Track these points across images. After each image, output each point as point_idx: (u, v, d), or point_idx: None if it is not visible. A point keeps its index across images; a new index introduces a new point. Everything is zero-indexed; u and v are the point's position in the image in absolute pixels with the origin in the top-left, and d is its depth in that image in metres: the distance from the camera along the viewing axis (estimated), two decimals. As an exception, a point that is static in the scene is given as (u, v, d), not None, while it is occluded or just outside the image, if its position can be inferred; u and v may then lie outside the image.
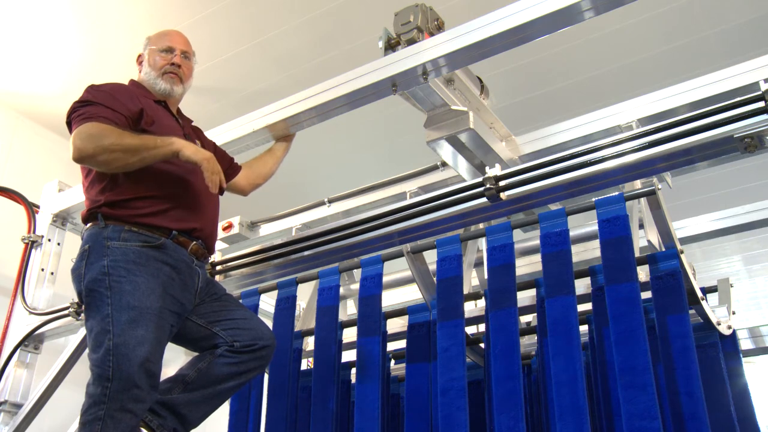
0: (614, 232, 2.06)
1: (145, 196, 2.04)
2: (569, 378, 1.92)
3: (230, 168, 2.50)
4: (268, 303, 3.08)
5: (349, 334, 2.71)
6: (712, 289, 2.74)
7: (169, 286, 1.98)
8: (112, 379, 1.80)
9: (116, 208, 2.02)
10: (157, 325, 1.91)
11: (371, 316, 2.42)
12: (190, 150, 1.97)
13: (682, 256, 2.11)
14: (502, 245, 2.23)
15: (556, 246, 2.13)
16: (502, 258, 2.22)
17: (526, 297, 2.41)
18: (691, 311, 2.28)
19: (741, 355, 2.45)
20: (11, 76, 4.38)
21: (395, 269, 3.30)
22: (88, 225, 2.07)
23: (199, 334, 2.08)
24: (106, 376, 1.80)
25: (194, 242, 2.09)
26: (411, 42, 2.32)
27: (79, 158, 1.95)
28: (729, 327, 2.42)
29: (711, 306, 2.40)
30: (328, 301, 2.54)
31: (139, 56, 2.37)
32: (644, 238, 2.50)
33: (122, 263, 1.93)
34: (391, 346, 2.69)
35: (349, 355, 2.68)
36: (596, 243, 2.29)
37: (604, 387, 2.07)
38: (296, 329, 2.66)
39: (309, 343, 2.94)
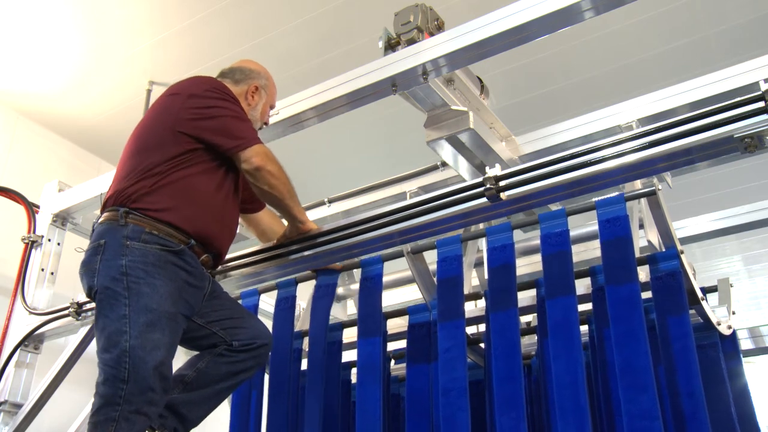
0: (615, 232, 2.06)
1: (179, 192, 2.03)
2: (570, 380, 1.92)
3: (252, 197, 2.45)
4: (268, 303, 3.07)
5: (349, 334, 2.70)
6: (712, 289, 2.74)
7: (184, 291, 1.98)
8: (127, 381, 1.78)
9: (145, 196, 1.99)
10: (171, 329, 1.90)
11: (372, 316, 2.41)
12: (306, 227, 2.33)
13: (683, 257, 2.11)
14: (503, 245, 2.23)
15: (556, 246, 2.12)
16: (502, 258, 2.22)
17: (526, 297, 2.41)
18: (692, 311, 2.27)
19: (741, 356, 2.44)
20: (11, 76, 4.38)
21: (395, 269, 3.30)
22: (105, 216, 2.02)
23: (198, 333, 2.08)
24: (122, 378, 1.79)
25: (206, 254, 2.09)
26: (411, 42, 2.32)
27: (262, 167, 2.09)
28: (729, 327, 2.42)
29: (711, 306, 2.40)
30: (325, 298, 2.52)
31: (254, 88, 2.36)
32: (644, 238, 2.50)
33: (141, 264, 1.91)
34: (391, 346, 2.68)
35: (349, 356, 2.67)
36: (596, 243, 2.29)
37: (605, 387, 2.06)
38: (296, 329, 2.66)
39: (309, 342, 2.94)
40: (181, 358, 2.07)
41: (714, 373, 2.24)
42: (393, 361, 2.85)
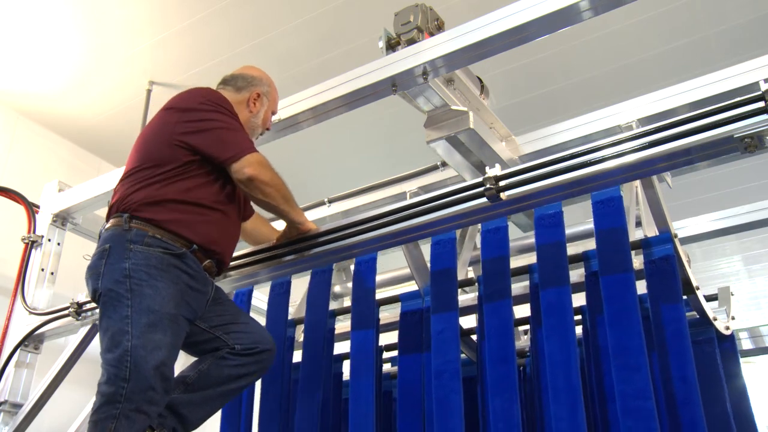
0: (608, 213, 2.07)
1: (180, 202, 2.06)
2: (563, 358, 1.92)
3: (245, 203, 2.48)
4: (261, 300, 3.06)
5: (341, 326, 2.68)
6: (713, 297, 2.72)
7: (186, 294, 2.00)
8: (128, 380, 1.81)
9: (148, 206, 2.03)
10: (173, 330, 1.93)
11: (365, 299, 2.39)
12: (305, 228, 2.33)
13: (677, 241, 2.11)
14: (496, 228, 2.24)
15: (549, 227, 2.12)
16: (496, 240, 2.22)
17: (519, 286, 2.40)
18: (691, 313, 2.27)
19: (739, 357, 2.44)
20: (11, 76, 4.38)
21: (389, 268, 3.30)
22: (111, 223, 2.06)
23: (201, 338, 2.09)
24: (123, 377, 1.81)
25: (209, 260, 2.12)
26: (411, 42, 2.32)
27: (254, 177, 2.09)
28: (727, 327, 2.41)
29: (711, 309, 2.39)
30: (321, 284, 2.52)
31: (256, 95, 2.37)
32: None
33: (144, 267, 1.94)
34: (383, 339, 2.66)
35: (340, 348, 2.66)
36: (594, 242, 2.28)
37: (598, 374, 2.05)
38: (290, 317, 2.65)
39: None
40: (182, 361, 2.07)
41: (710, 368, 2.23)
42: (390, 363, 2.83)
